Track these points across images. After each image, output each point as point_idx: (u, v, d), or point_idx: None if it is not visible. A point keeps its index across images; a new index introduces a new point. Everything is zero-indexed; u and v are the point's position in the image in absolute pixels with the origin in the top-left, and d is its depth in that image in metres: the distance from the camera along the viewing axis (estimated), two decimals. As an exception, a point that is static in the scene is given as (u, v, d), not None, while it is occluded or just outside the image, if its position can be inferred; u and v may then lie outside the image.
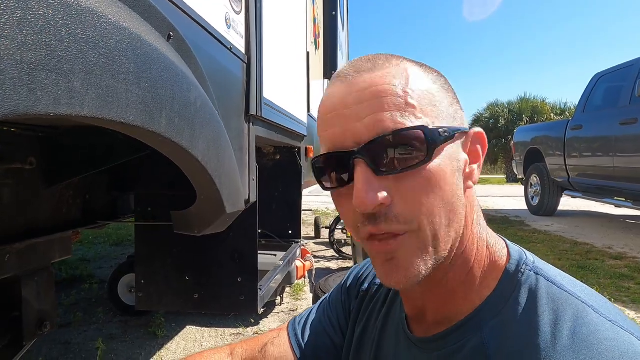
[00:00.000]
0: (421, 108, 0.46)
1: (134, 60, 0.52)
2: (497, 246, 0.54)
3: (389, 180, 0.46)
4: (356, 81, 0.48)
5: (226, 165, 0.90)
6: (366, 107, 0.46)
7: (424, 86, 0.48)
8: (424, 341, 0.55)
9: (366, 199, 0.44)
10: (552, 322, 0.45)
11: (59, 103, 0.41)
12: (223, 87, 1.03)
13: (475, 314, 0.50)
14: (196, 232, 1.00)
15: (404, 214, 0.46)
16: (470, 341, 0.49)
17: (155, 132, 0.59)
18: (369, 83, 0.47)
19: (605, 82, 5.80)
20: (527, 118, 19.94)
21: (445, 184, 0.47)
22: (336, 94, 0.49)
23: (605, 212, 7.63)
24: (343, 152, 0.47)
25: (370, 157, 0.46)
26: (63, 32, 0.41)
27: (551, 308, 0.46)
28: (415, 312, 0.59)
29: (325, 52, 3.19)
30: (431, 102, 0.48)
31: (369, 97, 0.46)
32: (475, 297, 0.51)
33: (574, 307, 0.46)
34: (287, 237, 2.31)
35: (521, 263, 0.52)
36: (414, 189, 0.46)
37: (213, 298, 1.33)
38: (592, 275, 3.77)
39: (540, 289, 0.49)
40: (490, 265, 0.52)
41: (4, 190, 0.92)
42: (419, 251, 0.47)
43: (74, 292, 3.22)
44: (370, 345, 0.65)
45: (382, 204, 0.45)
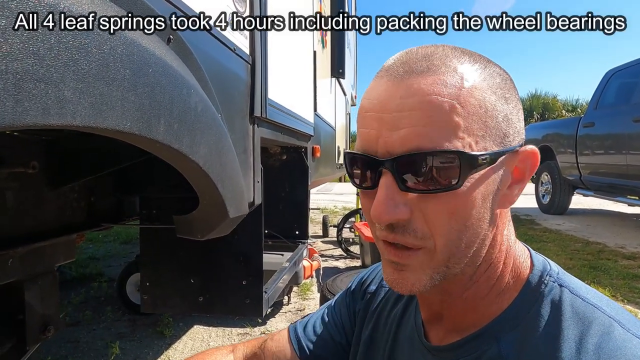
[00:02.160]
0: (467, 126, 0.43)
1: (129, 66, 0.51)
2: (521, 255, 0.53)
3: (413, 196, 0.44)
4: (404, 84, 0.44)
5: (228, 170, 0.88)
6: (406, 117, 0.43)
7: (478, 99, 0.44)
8: (439, 349, 0.54)
9: (383, 213, 0.44)
10: (577, 335, 0.44)
11: (48, 113, 0.40)
12: (226, 89, 1.01)
13: (493, 325, 0.49)
14: (199, 237, 0.99)
15: (423, 230, 0.45)
16: (487, 352, 0.48)
17: (153, 139, 0.57)
18: (416, 90, 0.43)
19: (618, 79, 5.70)
20: (538, 115, 19.73)
21: (471, 209, 0.45)
22: (380, 93, 0.46)
23: (618, 211, 7.50)
24: (372, 157, 0.45)
25: (397, 171, 0.44)
26: (52, 40, 0.40)
27: (576, 321, 0.45)
28: (431, 317, 0.58)
29: (332, 51, 3.16)
30: (481, 118, 0.44)
31: (412, 106, 0.43)
32: (495, 307, 0.50)
33: (600, 321, 0.45)
34: (293, 238, 2.30)
35: (545, 274, 0.50)
36: (436, 210, 0.44)
37: (218, 301, 1.33)
38: (604, 275, 3.71)
39: (564, 302, 0.47)
40: (514, 277, 0.51)
41: (6, 193, 0.92)
42: (429, 269, 0.46)
43: (83, 291, 3.25)
44: (384, 347, 0.64)
45: (403, 219, 0.44)
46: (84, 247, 4.64)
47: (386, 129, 0.44)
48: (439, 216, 0.44)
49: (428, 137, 0.42)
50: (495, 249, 0.50)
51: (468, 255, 0.47)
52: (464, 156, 0.42)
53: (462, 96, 0.43)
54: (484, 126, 0.44)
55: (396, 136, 0.43)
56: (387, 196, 0.44)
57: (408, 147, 0.43)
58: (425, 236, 0.45)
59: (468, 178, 0.43)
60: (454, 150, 0.42)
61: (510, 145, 0.46)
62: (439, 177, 0.43)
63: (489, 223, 0.47)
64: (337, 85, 3.85)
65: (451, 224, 0.44)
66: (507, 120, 0.46)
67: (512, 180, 0.48)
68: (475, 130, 0.43)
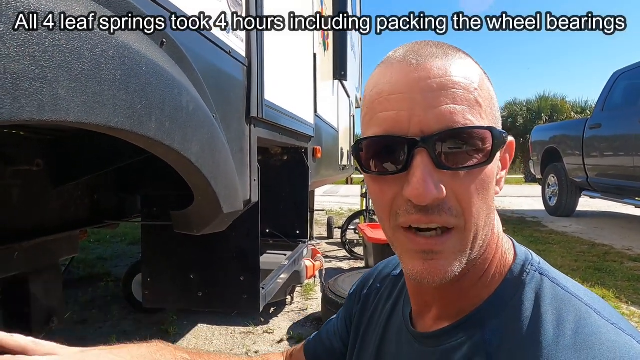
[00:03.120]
0: (486, 109, 0.46)
1: (120, 67, 0.55)
2: (506, 246, 0.55)
3: (447, 175, 0.45)
4: (427, 66, 0.45)
5: (222, 167, 0.92)
6: (439, 95, 0.44)
7: (488, 87, 0.48)
8: (425, 337, 0.56)
9: (426, 191, 0.43)
10: (555, 321, 0.46)
11: (43, 110, 0.44)
12: (222, 90, 1.05)
13: (477, 312, 0.51)
14: (195, 232, 1.03)
15: (457, 208, 0.46)
16: (471, 338, 0.50)
17: (144, 135, 0.61)
18: (444, 71, 0.45)
19: (625, 80, 5.66)
20: (547, 117, 19.59)
21: (491, 187, 0.48)
22: (400, 77, 0.46)
23: (626, 213, 7.43)
24: (404, 137, 0.45)
25: (434, 149, 0.44)
26: (47, 43, 0.44)
27: (554, 308, 0.47)
28: (421, 308, 0.59)
29: (334, 53, 3.20)
30: (490, 104, 0.48)
31: (444, 86, 0.44)
32: (481, 295, 0.52)
33: (577, 308, 0.47)
34: (294, 237, 2.33)
35: (527, 263, 0.52)
36: (468, 187, 0.45)
37: (216, 296, 1.37)
38: (609, 277, 3.68)
39: (544, 289, 0.49)
40: (500, 266, 0.53)
41: (12, 190, 0.96)
42: (459, 252, 0.47)
43: (91, 290, 3.31)
44: (373, 342, 0.66)
45: (441, 198, 0.44)
46: (92, 248, 4.72)
47: (420, 108, 0.44)
48: (470, 193, 0.45)
49: (462, 114, 0.44)
50: (494, 235, 0.52)
51: (484, 237, 0.49)
52: (496, 132, 0.45)
53: (480, 81, 0.47)
54: (492, 111, 0.48)
55: (432, 114, 0.43)
56: (427, 174, 0.43)
57: (445, 124, 0.43)
58: (459, 214, 0.45)
59: (495, 155, 0.46)
60: (488, 126, 0.45)
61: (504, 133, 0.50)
62: (474, 153, 0.45)
63: (492, 206, 0.50)
64: (340, 87, 3.88)
65: (478, 201, 0.46)
66: (498, 111, 0.50)
67: (500, 166, 0.52)
68: (489, 113, 0.47)
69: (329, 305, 2.36)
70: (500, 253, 0.53)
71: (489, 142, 0.44)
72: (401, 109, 0.45)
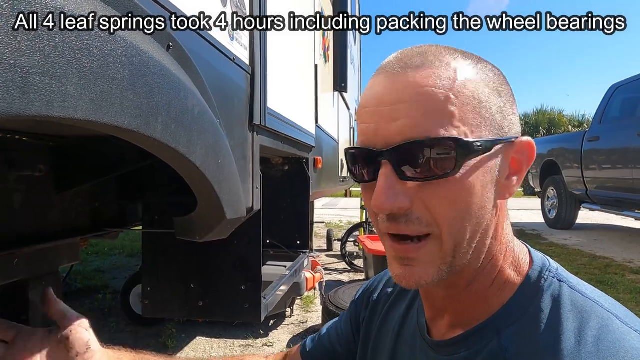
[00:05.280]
0: (462, 116, 0.45)
1: (128, 67, 0.55)
2: (521, 253, 0.54)
3: (413, 185, 0.45)
4: (400, 78, 0.46)
5: (226, 172, 0.92)
6: (403, 108, 0.45)
7: (472, 91, 0.46)
8: (440, 345, 0.55)
9: (385, 202, 0.45)
10: (577, 328, 0.45)
11: (52, 106, 0.43)
12: (226, 96, 1.05)
13: (494, 319, 0.50)
14: (197, 238, 1.02)
15: (427, 218, 0.46)
16: (487, 345, 0.49)
17: (150, 136, 0.61)
18: (411, 83, 0.45)
19: (622, 93, 5.72)
20: (544, 130, 19.70)
21: (471, 196, 0.46)
22: (378, 88, 0.48)
23: (627, 226, 7.42)
24: (371, 150, 0.47)
25: (396, 160, 0.45)
26: (57, 39, 0.44)
27: (575, 315, 0.46)
28: (434, 314, 0.58)
29: (335, 65, 3.23)
30: (475, 108, 0.46)
31: (408, 98, 0.45)
32: (496, 301, 0.51)
33: (599, 315, 0.46)
34: (295, 248, 2.32)
35: (544, 270, 0.51)
36: (436, 198, 0.45)
37: (217, 305, 1.35)
38: (611, 290, 3.66)
39: (563, 296, 0.48)
40: (515, 272, 0.52)
41: (14, 195, 0.96)
42: (438, 260, 0.47)
43: (88, 302, 3.27)
44: (387, 349, 0.65)
45: (404, 208, 0.45)
46: (91, 260, 4.68)
47: (384, 121, 0.45)
48: (440, 204, 0.45)
49: (424, 126, 0.44)
50: (497, 240, 0.51)
51: (473, 245, 0.48)
52: (460, 143, 0.44)
53: (456, 87, 0.45)
54: (478, 116, 0.46)
55: (394, 127, 0.45)
56: (387, 185, 0.45)
57: (405, 136, 0.44)
58: (430, 223, 0.46)
59: (464, 165, 0.44)
60: (449, 137, 0.43)
61: (506, 136, 0.48)
62: (436, 164, 0.44)
63: (491, 213, 0.48)
64: (340, 99, 3.90)
65: (454, 211, 0.45)
66: (501, 113, 0.48)
67: (509, 171, 0.50)
68: (470, 119, 0.45)
69: (330, 317, 2.34)
70: (512, 260, 0.52)
71: (453, 153, 0.44)
72: (371, 122, 0.47)
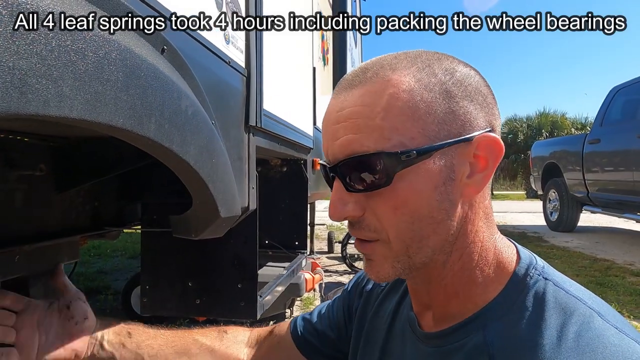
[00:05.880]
0: (395, 127, 0.47)
1: (122, 70, 0.58)
2: (507, 250, 0.55)
3: (361, 196, 0.50)
4: (340, 99, 0.51)
5: (220, 171, 0.94)
6: (340, 128, 0.49)
7: (407, 100, 0.47)
8: (428, 336, 0.57)
9: (333, 213, 0.51)
10: (558, 324, 0.46)
11: (48, 106, 0.46)
12: (221, 98, 1.08)
13: (480, 314, 0.52)
14: (193, 236, 1.05)
15: (375, 225, 0.51)
16: (473, 339, 0.51)
17: (144, 136, 0.64)
18: (347, 103, 0.49)
19: (623, 95, 5.72)
20: (547, 133, 19.66)
21: (416, 201, 0.48)
22: (328, 109, 0.53)
23: (628, 228, 7.40)
24: (325, 166, 0.53)
25: (341, 175, 0.50)
26: (54, 43, 0.47)
27: (558, 311, 0.48)
28: (421, 308, 0.61)
29: (334, 68, 3.26)
30: (413, 117, 0.47)
31: (344, 118, 0.49)
32: (481, 297, 0.53)
33: (581, 311, 0.47)
34: (293, 248, 2.34)
35: (530, 267, 0.53)
36: (382, 206, 0.50)
37: (214, 303, 1.37)
38: (611, 292, 3.67)
39: (547, 293, 0.50)
40: (498, 269, 0.54)
41: (15, 194, 0.99)
42: (390, 258, 0.52)
43: (90, 303, 3.28)
44: (379, 340, 0.67)
45: (353, 216, 0.51)
46: (92, 261, 4.72)
47: (331, 139, 0.51)
48: (385, 211, 0.49)
49: (359, 142, 0.48)
50: (468, 238, 0.52)
51: (429, 244, 0.50)
52: (384, 155, 0.47)
53: (385, 102, 0.47)
54: (418, 123, 0.47)
55: (337, 145, 0.50)
56: (337, 197, 0.51)
57: (345, 153, 0.49)
58: (377, 230, 0.51)
59: (397, 175, 0.47)
60: (373, 152, 0.47)
61: (460, 136, 0.49)
62: (372, 176, 0.48)
63: (448, 212, 0.50)
64: (340, 102, 3.91)
65: (398, 217, 0.49)
66: (451, 114, 0.48)
67: (473, 169, 0.50)
68: (407, 128, 0.47)
69: (328, 317, 2.35)
70: (492, 257, 0.54)
71: (380, 165, 0.47)
72: (325, 140, 0.53)
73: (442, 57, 0.52)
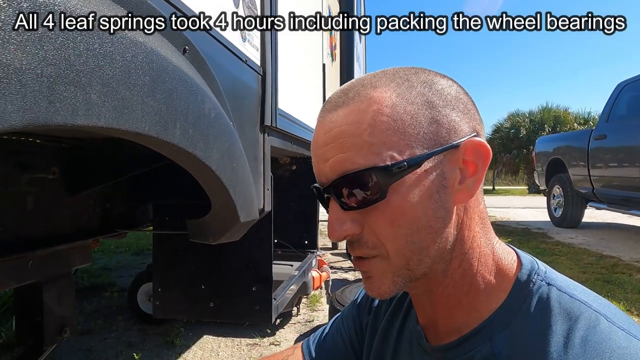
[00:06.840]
0: (383, 141, 0.47)
1: (149, 73, 0.54)
2: (506, 257, 0.54)
3: (357, 213, 0.50)
4: (326, 121, 0.51)
5: (240, 175, 0.91)
6: (329, 149, 0.49)
7: (390, 114, 0.48)
8: (435, 350, 0.56)
9: (332, 232, 0.51)
10: (565, 330, 0.46)
11: (76, 114, 0.43)
12: (238, 98, 1.05)
13: (485, 324, 0.51)
14: (211, 241, 1.02)
15: (373, 241, 0.50)
16: (480, 351, 0.50)
17: (169, 142, 0.61)
18: (333, 124, 0.50)
19: (630, 91, 5.66)
20: (550, 128, 19.58)
21: (411, 212, 0.48)
22: (315, 133, 0.53)
23: (633, 225, 7.38)
24: (319, 187, 0.53)
25: (336, 194, 0.50)
26: (81, 47, 0.43)
27: (563, 317, 0.47)
28: (427, 321, 0.60)
29: (341, 64, 3.22)
30: (398, 130, 0.48)
31: (332, 139, 0.49)
32: (484, 307, 0.52)
33: (586, 315, 0.47)
34: (303, 247, 2.32)
35: (533, 273, 0.52)
36: (377, 221, 0.49)
37: (228, 307, 1.35)
38: (618, 289, 3.64)
39: (552, 299, 0.49)
40: (499, 276, 0.53)
41: (27, 198, 0.96)
42: (389, 273, 0.51)
43: (95, 300, 3.29)
44: (387, 355, 0.67)
45: (352, 234, 0.50)
46: (97, 258, 4.70)
47: (321, 162, 0.51)
48: (383, 225, 0.49)
49: (350, 160, 0.48)
50: (466, 244, 0.52)
51: (429, 254, 0.50)
52: (375, 170, 0.47)
53: (370, 118, 0.48)
54: (404, 136, 0.48)
55: (327, 166, 0.50)
56: (334, 216, 0.51)
57: (336, 173, 0.49)
58: (375, 246, 0.50)
59: (391, 188, 0.47)
60: (365, 168, 0.47)
61: (447, 143, 0.49)
62: (366, 192, 0.48)
63: (444, 220, 0.50)
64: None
65: (396, 230, 0.48)
66: (435, 123, 0.49)
67: (463, 175, 0.51)
68: (395, 142, 0.48)
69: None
70: (492, 263, 0.53)
71: (373, 180, 0.47)
72: (315, 162, 0.53)
73: (419, 71, 0.53)
